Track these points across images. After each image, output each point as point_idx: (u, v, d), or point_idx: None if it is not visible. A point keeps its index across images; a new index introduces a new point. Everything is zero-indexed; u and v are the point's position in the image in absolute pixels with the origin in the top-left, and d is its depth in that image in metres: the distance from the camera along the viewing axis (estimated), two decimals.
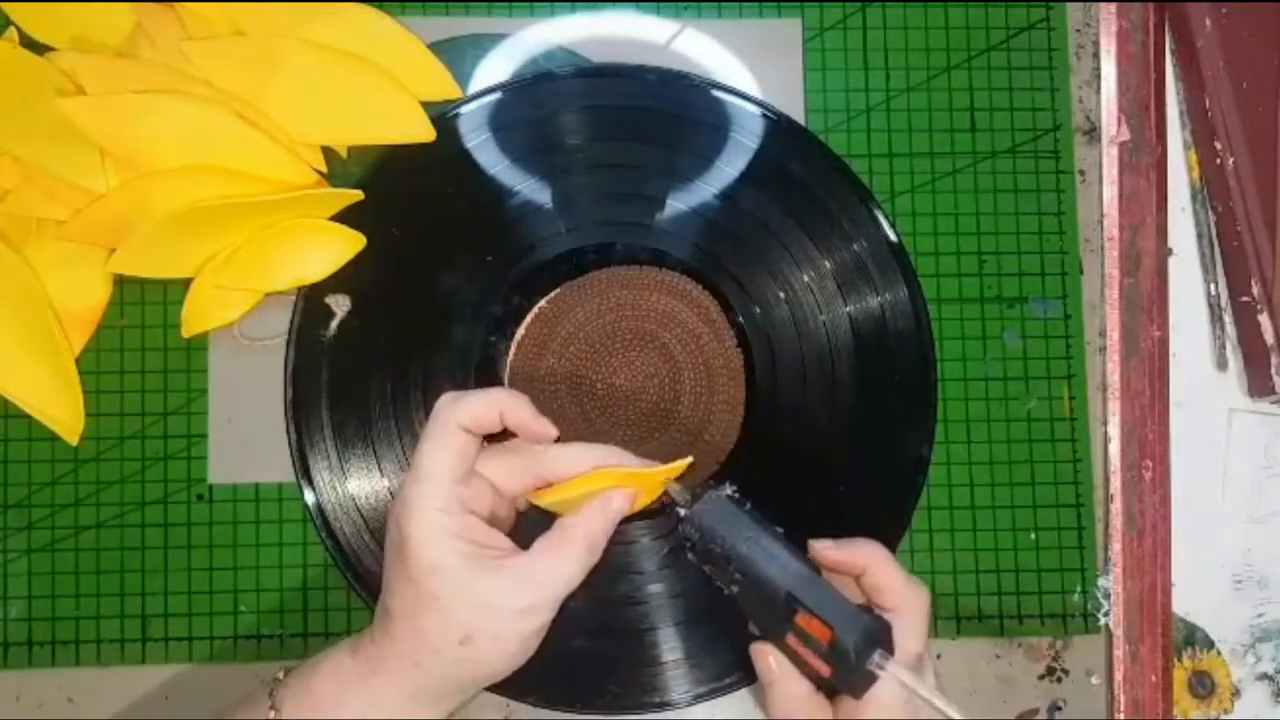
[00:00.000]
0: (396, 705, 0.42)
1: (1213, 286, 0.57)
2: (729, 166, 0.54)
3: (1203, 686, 0.55)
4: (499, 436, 0.46)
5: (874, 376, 0.54)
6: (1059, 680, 0.55)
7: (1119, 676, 0.54)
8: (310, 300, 0.53)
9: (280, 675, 0.44)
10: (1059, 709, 0.55)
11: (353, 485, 0.52)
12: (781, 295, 0.54)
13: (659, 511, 0.53)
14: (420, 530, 0.42)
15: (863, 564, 0.44)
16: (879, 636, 0.41)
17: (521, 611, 0.42)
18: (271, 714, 0.42)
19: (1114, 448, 0.55)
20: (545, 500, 0.45)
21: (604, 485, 0.44)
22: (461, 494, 0.43)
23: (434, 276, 0.53)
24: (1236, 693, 0.56)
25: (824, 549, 0.45)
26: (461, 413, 0.43)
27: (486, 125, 0.53)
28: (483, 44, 0.56)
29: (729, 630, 0.52)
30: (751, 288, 0.54)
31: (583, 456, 0.45)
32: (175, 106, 0.50)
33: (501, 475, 0.45)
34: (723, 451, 0.54)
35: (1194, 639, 0.56)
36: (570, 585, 0.43)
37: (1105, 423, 0.56)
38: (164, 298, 0.54)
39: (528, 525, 0.46)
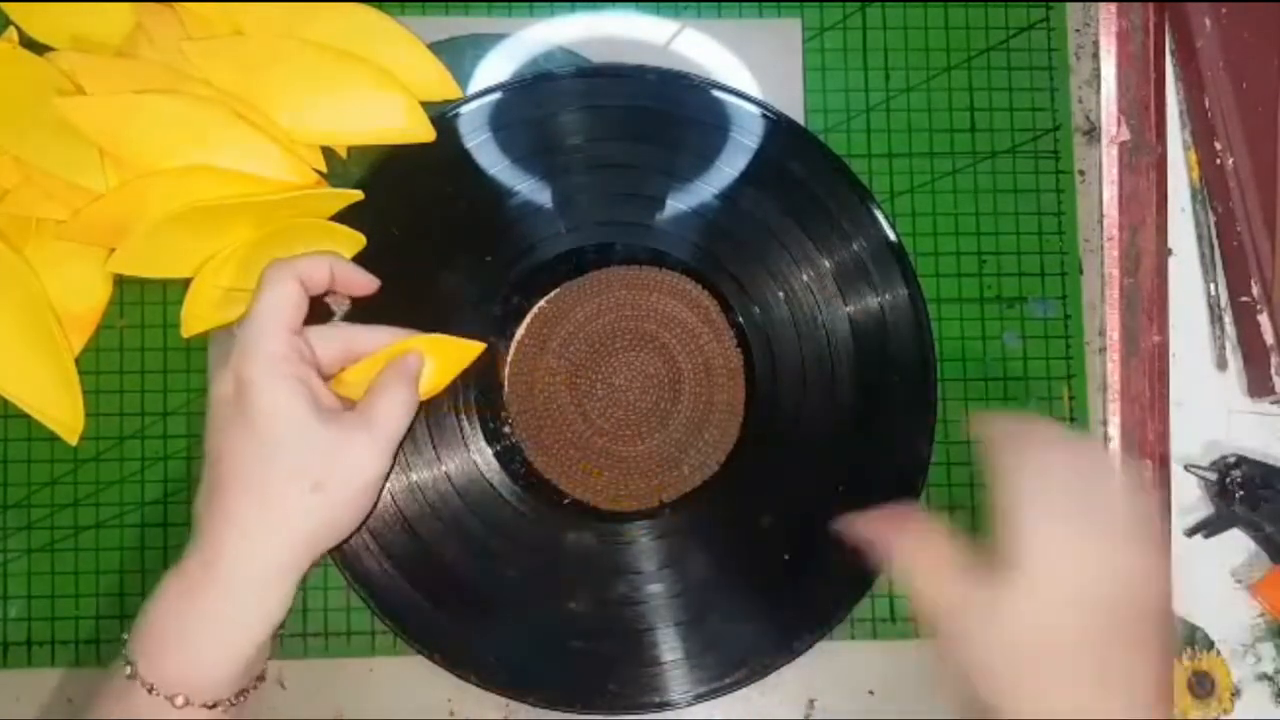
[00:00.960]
0: (241, 596, 0.41)
1: (1213, 286, 0.57)
2: (729, 166, 0.54)
3: (1202, 686, 0.55)
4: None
5: (874, 376, 0.54)
6: None
7: None
8: (310, 300, 0.53)
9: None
10: None
11: None
12: (781, 295, 0.54)
13: (658, 511, 0.53)
14: (261, 373, 0.42)
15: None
16: None
17: (371, 457, 0.43)
18: (126, 669, 0.41)
19: (1114, 448, 0.56)
20: (348, 380, 0.47)
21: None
22: (297, 343, 0.44)
23: (434, 276, 0.53)
24: (1236, 693, 0.56)
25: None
26: (296, 264, 0.45)
27: (486, 125, 0.53)
28: (483, 44, 0.56)
29: (729, 630, 0.52)
30: (751, 288, 0.54)
31: (385, 332, 0.47)
32: (175, 106, 0.50)
33: (316, 342, 0.46)
34: (723, 452, 0.54)
35: (1194, 639, 0.56)
36: (402, 430, 0.44)
37: (1105, 423, 0.56)
38: (164, 298, 0.54)
39: None
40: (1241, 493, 0.54)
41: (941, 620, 0.40)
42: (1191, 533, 0.56)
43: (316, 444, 0.42)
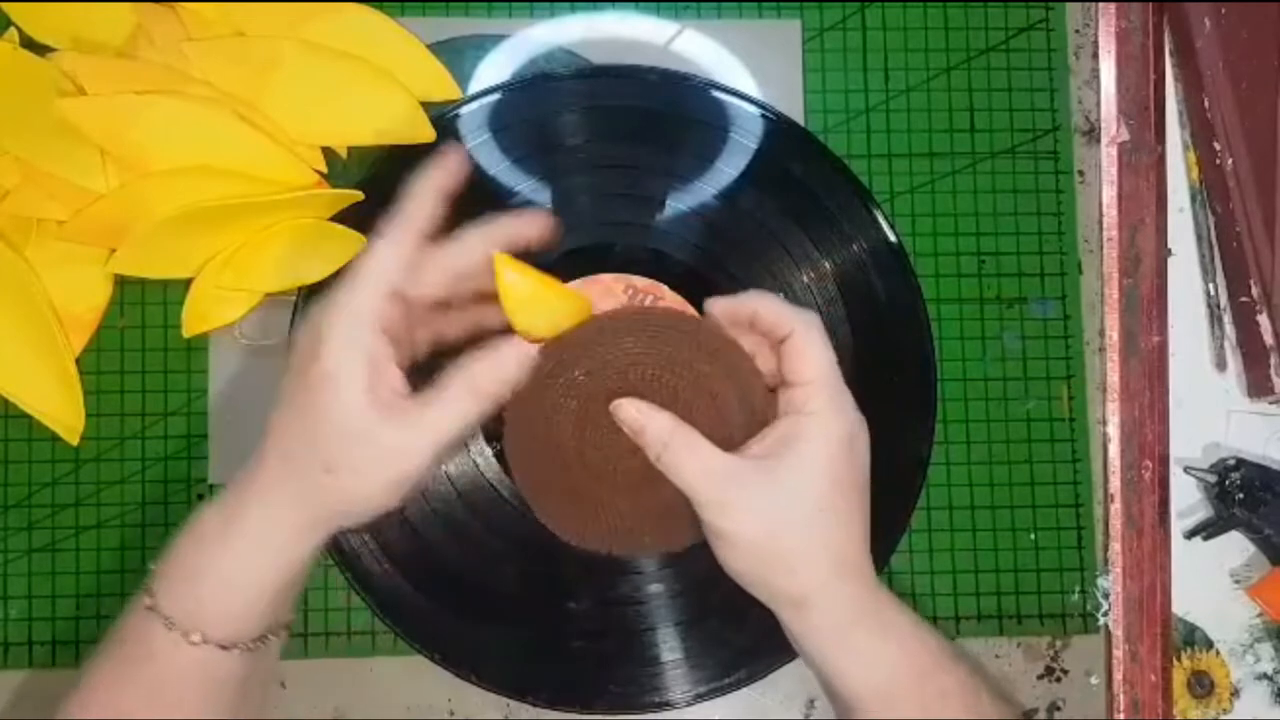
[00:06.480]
0: (257, 550, 0.41)
1: (1212, 287, 0.57)
2: (729, 167, 0.54)
3: (1202, 686, 0.55)
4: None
5: (874, 376, 0.54)
6: (1058, 680, 0.55)
7: (1118, 676, 0.54)
8: (310, 300, 0.53)
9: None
10: (1058, 709, 0.55)
11: None
12: (781, 296, 0.53)
13: None
14: (336, 332, 0.40)
15: (750, 308, 0.45)
16: None
17: (401, 455, 0.41)
18: (147, 600, 0.41)
19: (1114, 448, 0.56)
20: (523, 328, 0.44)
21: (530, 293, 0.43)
22: (387, 310, 0.41)
23: None
24: (1236, 693, 0.56)
25: (715, 303, 0.46)
26: (415, 219, 0.43)
27: (486, 125, 0.53)
28: (483, 44, 0.56)
29: (729, 630, 0.52)
30: (751, 288, 0.54)
31: (477, 245, 0.44)
32: (175, 106, 0.50)
33: (425, 287, 0.43)
34: None
35: (1193, 639, 0.56)
36: (450, 437, 0.41)
37: (1105, 423, 0.56)
38: (164, 298, 0.54)
39: None
40: (1241, 495, 0.54)
41: (717, 490, 0.43)
42: (1191, 535, 0.56)
43: (348, 428, 0.40)
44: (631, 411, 0.44)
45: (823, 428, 0.43)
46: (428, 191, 0.44)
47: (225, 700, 0.42)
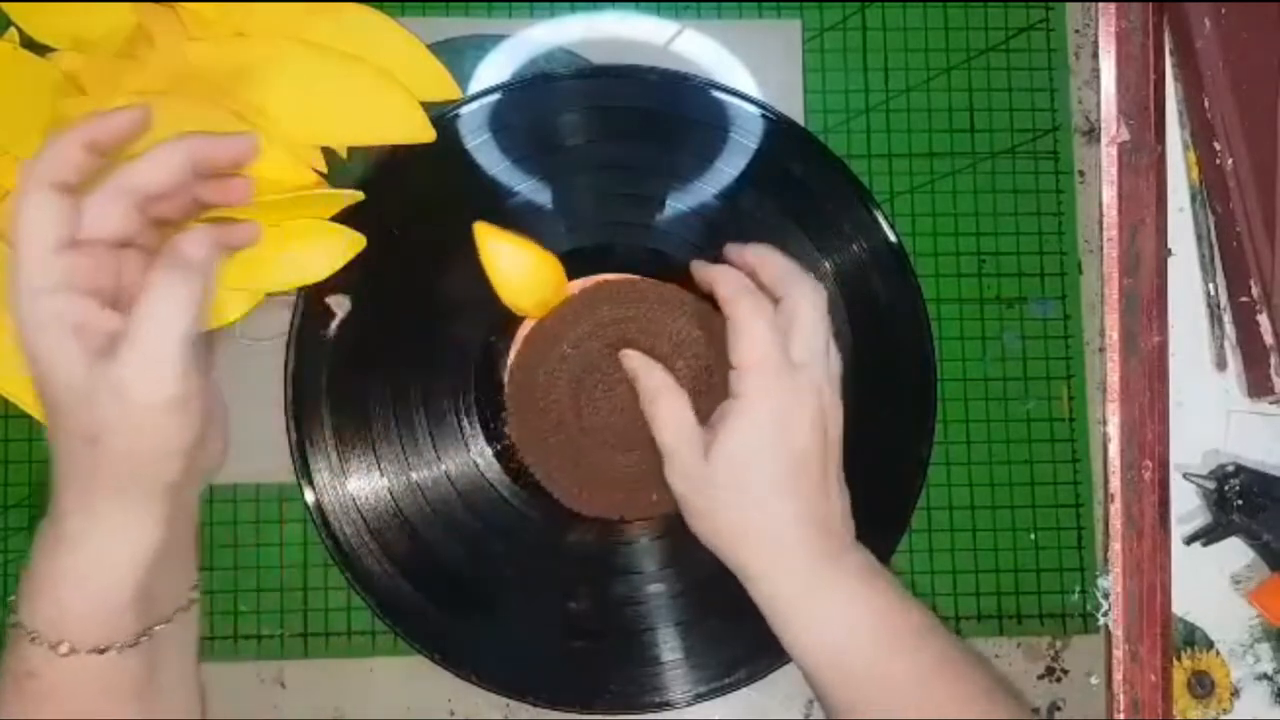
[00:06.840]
0: (89, 550, 0.39)
1: (1212, 287, 0.57)
2: (729, 167, 0.54)
3: (1202, 686, 0.55)
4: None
5: (874, 376, 0.54)
6: (1058, 680, 0.55)
7: (1118, 676, 0.54)
8: (310, 300, 0.53)
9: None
10: (1058, 709, 0.55)
11: (352, 485, 0.52)
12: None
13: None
14: (28, 321, 0.37)
15: (752, 262, 0.47)
16: None
17: (139, 387, 0.37)
18: (13, 617, 0.40)
19: (1114, 448, 0.56)
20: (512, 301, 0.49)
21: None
22: (63, 264, 0.37)
23: (434, 276, 0.53)
24: (1236, 693, 0.56)
25: (695, 267, 0.49)
26: (46, 165, 0.38)
27: (486, 126, 0.53)
28: (483, 44, 0.56)
29: (729, 630, 0.52)
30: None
31: (150, 163, 0.40)
32: (175, 106, 0.50)
33: (100, 217, 0.39)
34: None
35: (1194, 639, 0.56)
36: (178, 324, 0.38)
37: (1105, 423, 0.56)
38: None
39: None
40: (1240, 501, 0.54)
41: (678, 449, 0.45)
42: (1190, 540, 0.56)
43: (82, 395, 0.37)
44: (636, 361, 0.48)
45: (749, 412, 0.44)
46: (61, 140, 0.39)
47: (129, 702, 0.40)
